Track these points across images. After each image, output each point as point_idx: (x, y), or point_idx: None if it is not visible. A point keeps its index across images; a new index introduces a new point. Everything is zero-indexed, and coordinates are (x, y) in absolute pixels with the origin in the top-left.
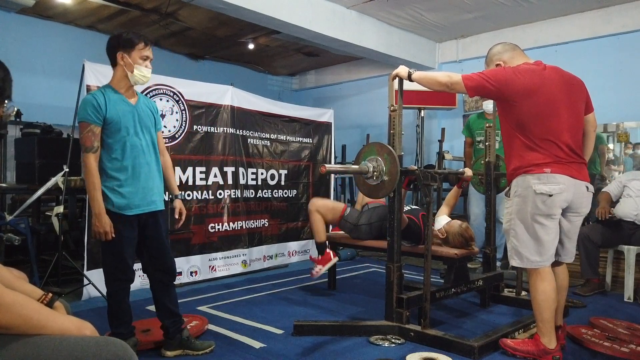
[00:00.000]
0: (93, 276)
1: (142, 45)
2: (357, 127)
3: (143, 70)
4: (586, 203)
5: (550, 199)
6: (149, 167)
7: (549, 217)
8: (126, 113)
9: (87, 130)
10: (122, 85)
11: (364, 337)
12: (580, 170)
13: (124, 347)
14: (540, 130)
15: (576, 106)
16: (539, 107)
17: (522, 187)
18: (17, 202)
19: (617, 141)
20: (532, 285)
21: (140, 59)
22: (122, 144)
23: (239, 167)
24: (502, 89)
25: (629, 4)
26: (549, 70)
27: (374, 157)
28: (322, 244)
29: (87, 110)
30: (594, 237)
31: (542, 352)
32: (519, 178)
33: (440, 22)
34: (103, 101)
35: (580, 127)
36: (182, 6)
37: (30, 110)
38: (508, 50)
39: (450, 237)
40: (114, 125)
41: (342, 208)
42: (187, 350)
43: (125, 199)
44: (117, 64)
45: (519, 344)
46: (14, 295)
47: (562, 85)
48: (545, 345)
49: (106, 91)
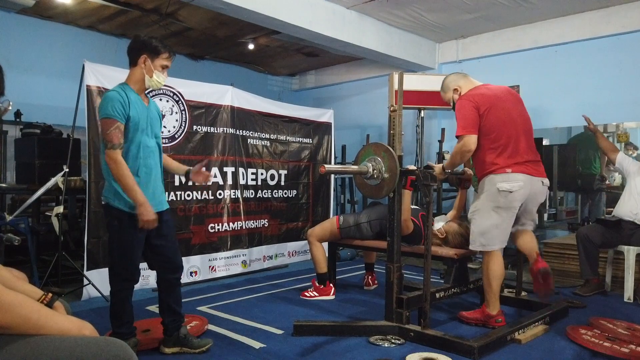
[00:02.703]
0: (93, 276)
1: (167, 55)
2: (357, 127)
3: (161, 77)
4: (541, 196)
5: (511, 194)
6: (158, 168)
7: (508, 210)
8: (142, 114)
9: (114, 127)
10: (138, 87)
11: (363, 338)
12: (536, 168)
13: (123, 347)
14: (502, 137)
15: (524, 114)
16: (499, 117)
17: (489, 185)
18: (17, 202)
19: (617, 141)
20: (485, 264)
21: (160, 67)
22: (138, 144)
23: (238, 167)
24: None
25: (629, 4)
26: (497, 88)
27: (372, 157)
28: (323, 275)
29: (115, 107)
30: (594, 237)
31: (487, 317)
32: (485, 178)
33: (440, 22)
34: (126, 99)
35: (531, 130)
36: (182, 6)
37: (30, 110)
38: (461, 78)
39: (450, 237)
40: (133, 125)
41: (335, 220)
42: (184, 348)
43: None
44: (138, 65)
45: (471, 314)
46: (14, 295)
47: (512, 98)
48: (490, 312)
49: (126, 90)
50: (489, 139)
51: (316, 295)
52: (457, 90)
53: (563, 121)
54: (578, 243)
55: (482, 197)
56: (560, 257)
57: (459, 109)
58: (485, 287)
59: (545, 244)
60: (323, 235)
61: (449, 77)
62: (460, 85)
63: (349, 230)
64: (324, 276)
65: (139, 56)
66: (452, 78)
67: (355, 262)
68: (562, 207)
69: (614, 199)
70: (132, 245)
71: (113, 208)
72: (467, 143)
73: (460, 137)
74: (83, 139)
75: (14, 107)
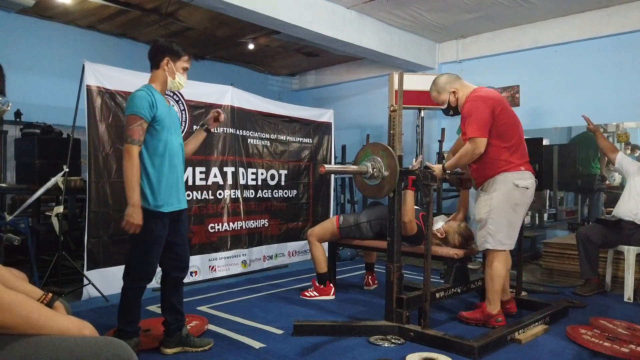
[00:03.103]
0: (93, 276)
1: (187, 58)
2: (357, 127)
3: (182, 79)
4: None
5: (527, 191)
6: (181, 166)
7: (523, 207)
8: (167, 114)
9: (137, 123)
10: (160, 88)
11: (363, 337)
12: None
13: (123, 347)
14: (513, 137)
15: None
16: (509, 118)
17: (503, 183)
18: (17, 202)
19: (617, 141)
20: (490, 264)
21: (182, 69)
22: (165, 143)
23: (238, 167)
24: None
25: (629, 4)
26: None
27: (371, 157)
28: (323, 275)
29: (143, 105)
30: (594, 237)
31: (488, 317)
32: (499, 176)
33: (440, 22)
34: (154, 99)
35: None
36: (182, 6)
37: (30, 110)
38: (455, 80)
39: (449, 237)
40: (160, 124)
41: (334, 220)
42: (186, 348)
43: (163, 196)
44: (160, 67)
45: (471, 314)
46: (14, 295)
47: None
48: (490, 311)
49: (152, 90)
50: (503, 139)
51: (316, 295)
52: (455, 92)
53: (563, 121)
54: (578, 243)
55: (497, 195)
56: (560, 257)
57: (473, 110)
58: (488, 286)
59: (545, 244)
60: (323, 235)
61: (443, 79)
62: (457, 87)
63: (349, 230)
64: (324, 276)
65: (161, 59)
66: (447, 79)
67: (355, 262)
68: (562, 207)
69: (613, 199)
70: (154, 244)
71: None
72: (480, 145)
73: (473, 139)
74: (83, 139)
75: (13, 107)
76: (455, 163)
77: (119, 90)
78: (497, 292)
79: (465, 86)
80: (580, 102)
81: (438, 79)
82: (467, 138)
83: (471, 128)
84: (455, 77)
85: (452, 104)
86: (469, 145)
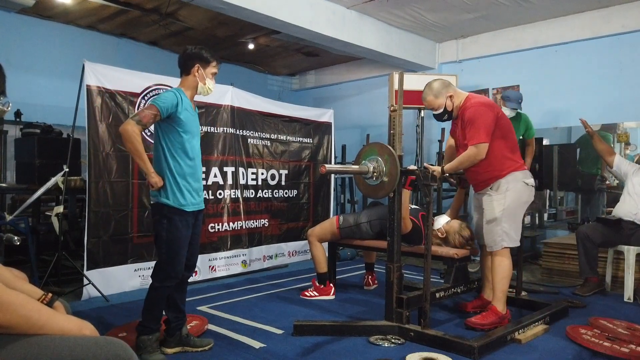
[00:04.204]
0: (93, 276)
1: (215, 64)
2: (357, 127)
3: (211, 83)
4: None
5: (533, 189)
6: (201, 169)
7: (528, 204)
8: (192, 118)
9: (153, 112)
10: (190, 93)
11: (363, 337)
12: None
13: (124, 346)
14: (513, 139)
15: None
16: (507, 121)
17: (513, 182)
18: (17, 202)
19: (617, 141)
20: (500, 263)
21: (211, 74)
22: (191, 145)
23: (239, 167)
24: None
25: (629, 4)
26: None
27: (374, 158)
28: (323, 275)
29: (167, 102)
30: (594, 236)
31: (502, 318)
32: (509, 176)
33: (440, 22)
34: (181, 101)
35: None
36: (182, 6)
37: (30, 110)
38: (449, 85)
39: (449, 237)
40: (184, 126)
41: (335, 220)
42: (186, 347)
43: (188, 196)
44: (191, 73)
45: (481, 319)
46: (14, 295)
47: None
48: (501, 311)
49: (181, 94)
50: (506, 140)
51: (316, 295)
52: (452, 97)
53: (563, 121)
54: (578, 241)
55: (510, 195)
56: (561, 257)
57: (479, 115)
58: (499, 285)
59: (545, 244)
60: (323, 235)
61: (438, 83)
62: (451, 93)
63: (349, 230)
64: (324, 276)
65: (192, 66)
66: (442, 84)
67: (355, 262)
68: (562, 207)
69: (614, 199)
70: (180, 243)
71: (163, 206)
72: (483, 151)
73: (479, 144)
74: (83, 139)
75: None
76: (456, 166)
77: (119, 90)
78: (505, 291)
79: (458, 92)
80: (580, 102)
81: (433, 84)
82: (473, 143)
83: (478, 134)
84: (449, 83)
85: (449, 108)
86: (473, 150)
